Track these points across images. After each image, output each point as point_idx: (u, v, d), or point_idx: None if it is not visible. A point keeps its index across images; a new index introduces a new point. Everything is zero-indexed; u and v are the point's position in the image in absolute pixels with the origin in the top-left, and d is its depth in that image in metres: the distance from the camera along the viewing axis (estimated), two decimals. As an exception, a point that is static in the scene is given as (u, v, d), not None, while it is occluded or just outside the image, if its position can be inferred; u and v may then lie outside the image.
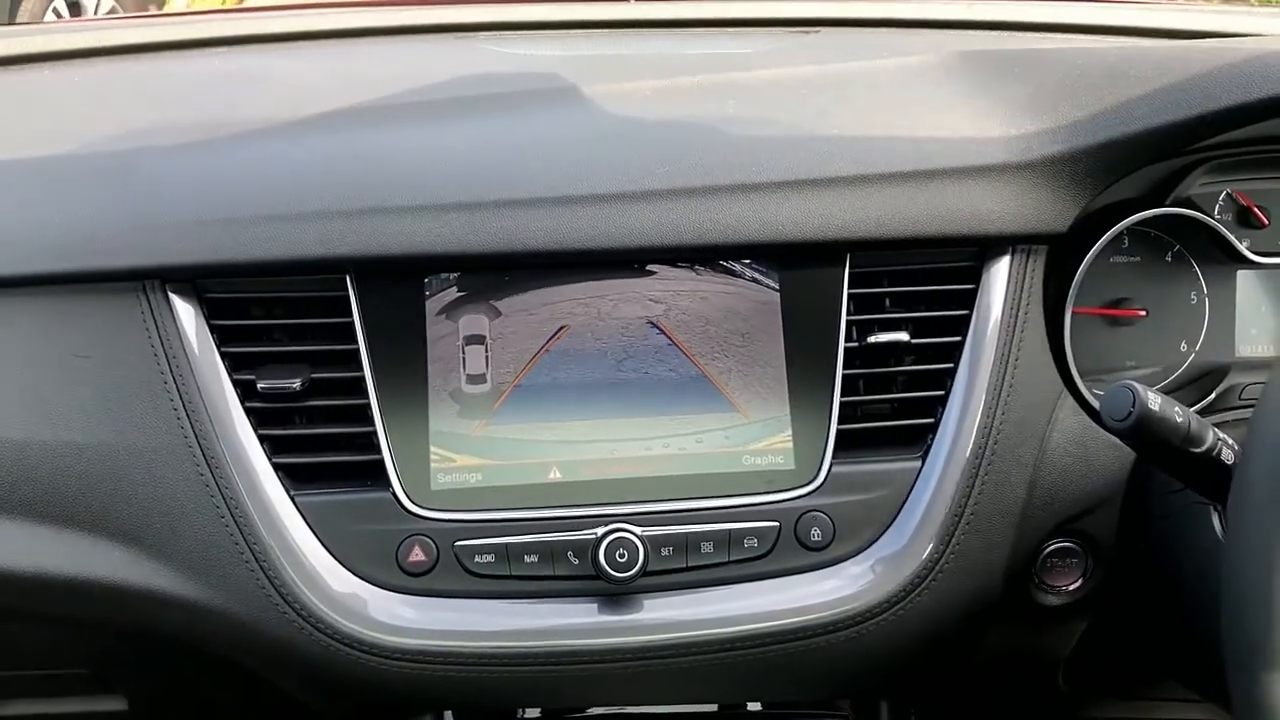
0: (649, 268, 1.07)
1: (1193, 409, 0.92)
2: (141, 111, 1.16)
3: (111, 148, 1.09)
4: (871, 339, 1.07)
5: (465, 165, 1.04)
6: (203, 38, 1.33)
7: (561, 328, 1.06)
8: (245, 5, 1.90)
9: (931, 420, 1.06)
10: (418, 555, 1.01)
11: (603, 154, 1.05)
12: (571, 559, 1.01)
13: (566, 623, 1.02)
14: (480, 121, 1.11)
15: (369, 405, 1.03)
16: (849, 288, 1.06)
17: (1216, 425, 0.92)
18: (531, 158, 1.05)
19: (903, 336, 1.07)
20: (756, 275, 1.07)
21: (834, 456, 1.05)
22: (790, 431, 1.05)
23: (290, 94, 1.17)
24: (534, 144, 1.07)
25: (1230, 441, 0.91)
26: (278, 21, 1.36)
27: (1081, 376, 1.12)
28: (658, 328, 1.06)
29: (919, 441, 1.06)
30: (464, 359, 1.05)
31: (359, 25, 1.35)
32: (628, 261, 1.06)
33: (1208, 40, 1.24)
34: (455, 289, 1.06)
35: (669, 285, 1.07)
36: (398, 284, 1.05)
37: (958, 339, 1.07)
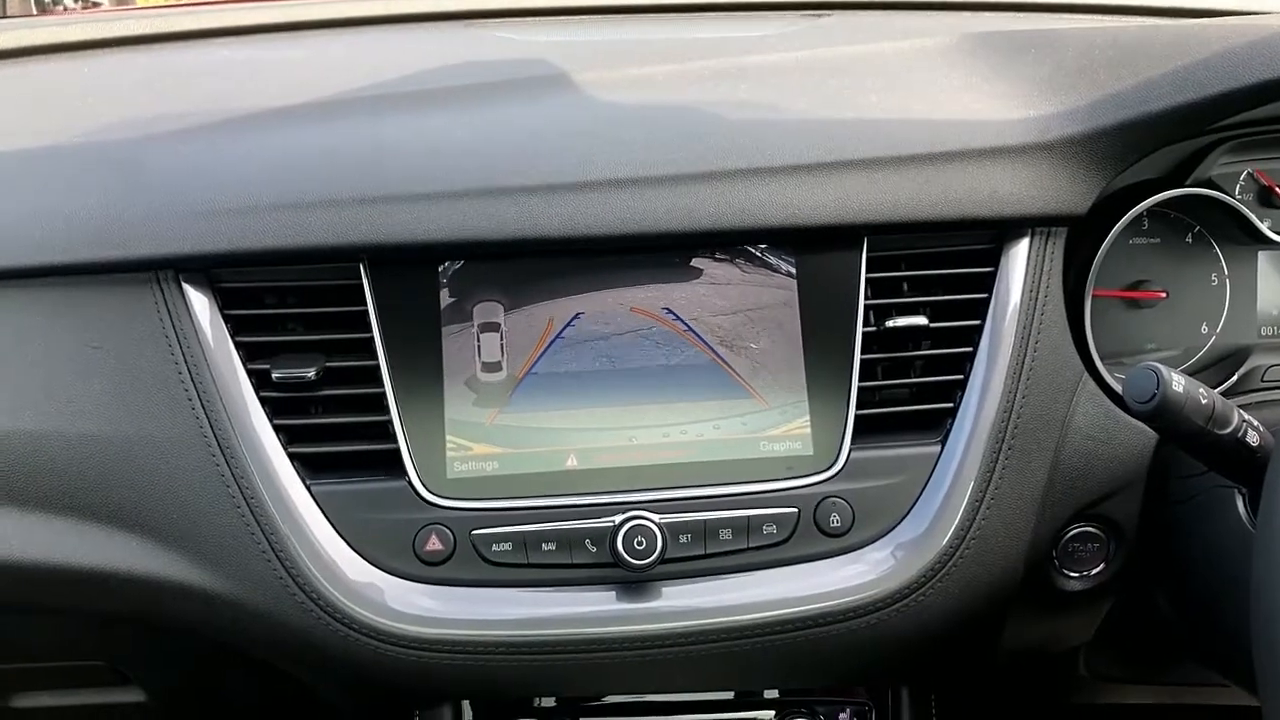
0: (665, 253, 1.06)
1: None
2: (152, 102, 1.15)
3: (122, 138, 1.08)
4: (889, 323, 1.06)
5: (478, 152, 1.04)
6: (211, 27, 1.32)
7: (577, 315, 1.05)
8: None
9: (951, 405, 1.05)
10: (435, 544, 1.01)
11: (617, 139, 1.04)
12: (589, 547, 1.01)
13: (584, 611, 1.01)
14: (493, 108, 1.10)
15: (384, 394, 1.02)
16: (866, 272, 1.05)
17: (1240, 407, 0.91)
18: (545, 144, 1.04)
19: (921, 321, 1.06)
20: (773, 260, 1.06)
21: (853, 442, 1.04)
22: (808, 417, 1.05)
23: (301, 82, 1.16)
24: (547, 130, 1.06)
25: (1256, 423, 0.90)
26: (287, 10, 1.35)
27: (1102, 359, 1.11)
28: (674, 314, 1.06)
29: (938, 426, 1.06)
30: (479, 347, 1.04)
31: (369, 13, 1.34)
32: (644, 247, 1.05)
33: (1227, 18, 1.23)
34: (470, 276, 1.05)
35: (685, 271, 1.06)
36: (412, 272, 1.04)
37: (977, 322, 1.06)
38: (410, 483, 1.01)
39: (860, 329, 1.05)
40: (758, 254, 1.06)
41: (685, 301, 1.06)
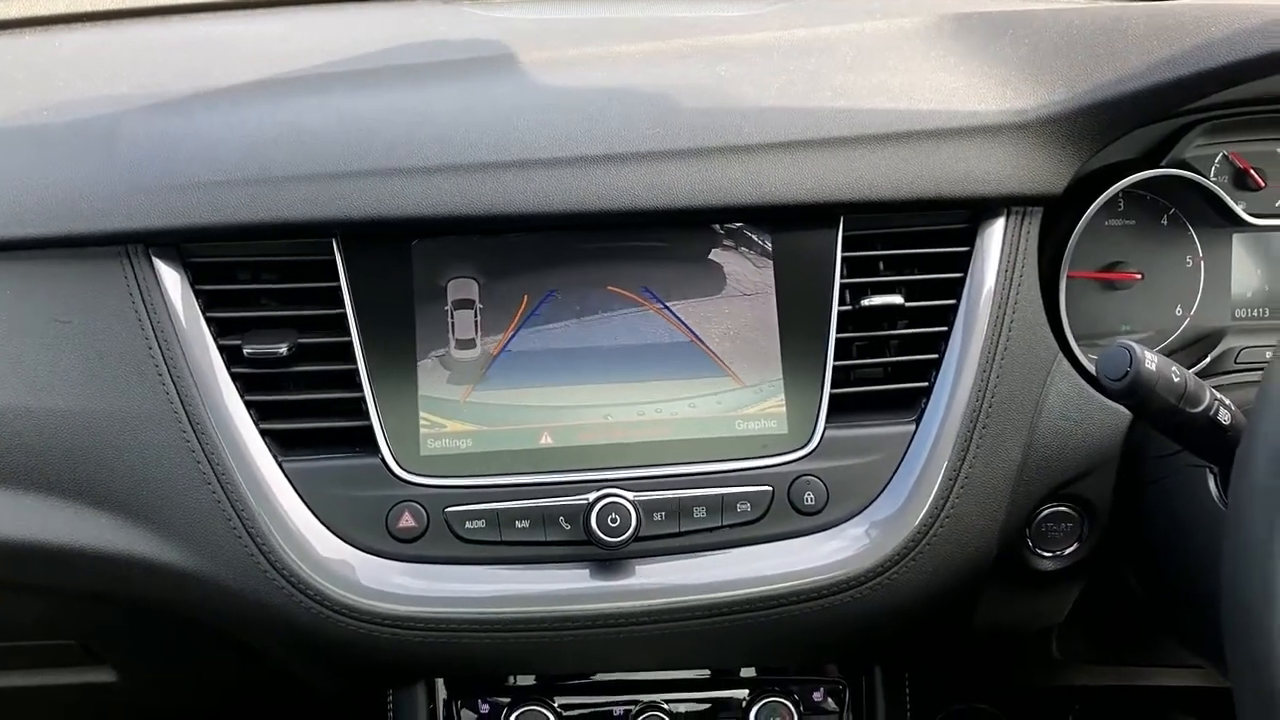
0: (641, 231, 1.05)
1: None
2: (125, 75, 1.14)
3: (94, 111, 1.07)
4: (865, 302, 1.06)
5: (453, 128, 1.03)
6: (186, 2, 1.31)
7: (552, 292, 1.05)
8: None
9: (925, 384, 1.06)
10: (407, 521, 1.00)
11: (593, 116, 1.03)
12: (563, 524, 1.00)
13: (558, 588, 1.01)
14: (468, 84, 1.09)
15: (357, 370, 1.01)
16: (842, 250, 1.05)
17: (1213, 389, 0.91)
18: (520, 120, 1.03)
19: (896, 300, 1.06)
20: (749, 238, 1.06)
21: (827, 420, 1.04)
22: (783, 396, 1.04)
23: (275, 57, 1.15)
24: (523, 106, 1.05)
25: (1228, 402, 0.90)
26: (262, -15, 1.33)
27: (1077, 340, 1.11)
28: (650, 291, 1.05)
29: (913, 405, 1.06)
30: (453, 324, 1.04)
31: (345, -11, 1.33)
32: (619, 224, 1.05)
33: None
34: (444, 253, 1.04)
35: (662, 249, 1.06)
36: (385, 248, 1.03)
37: (952, 302, 1.06)
38: (383, 460, 1.01)
39: (836, 308, 1.05)
40: (734, 232, 1.06)
41: (661, 279, 1.05)
